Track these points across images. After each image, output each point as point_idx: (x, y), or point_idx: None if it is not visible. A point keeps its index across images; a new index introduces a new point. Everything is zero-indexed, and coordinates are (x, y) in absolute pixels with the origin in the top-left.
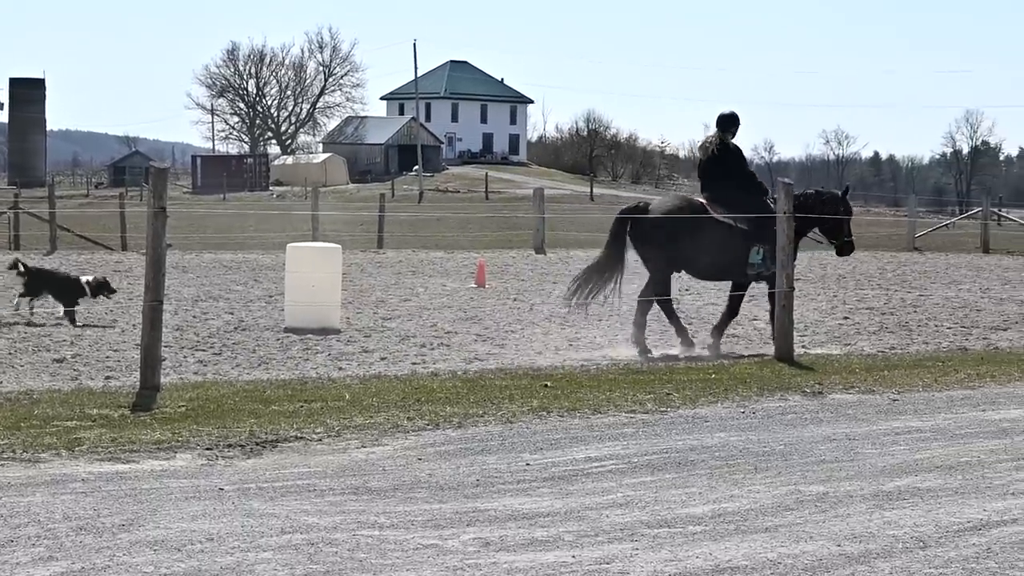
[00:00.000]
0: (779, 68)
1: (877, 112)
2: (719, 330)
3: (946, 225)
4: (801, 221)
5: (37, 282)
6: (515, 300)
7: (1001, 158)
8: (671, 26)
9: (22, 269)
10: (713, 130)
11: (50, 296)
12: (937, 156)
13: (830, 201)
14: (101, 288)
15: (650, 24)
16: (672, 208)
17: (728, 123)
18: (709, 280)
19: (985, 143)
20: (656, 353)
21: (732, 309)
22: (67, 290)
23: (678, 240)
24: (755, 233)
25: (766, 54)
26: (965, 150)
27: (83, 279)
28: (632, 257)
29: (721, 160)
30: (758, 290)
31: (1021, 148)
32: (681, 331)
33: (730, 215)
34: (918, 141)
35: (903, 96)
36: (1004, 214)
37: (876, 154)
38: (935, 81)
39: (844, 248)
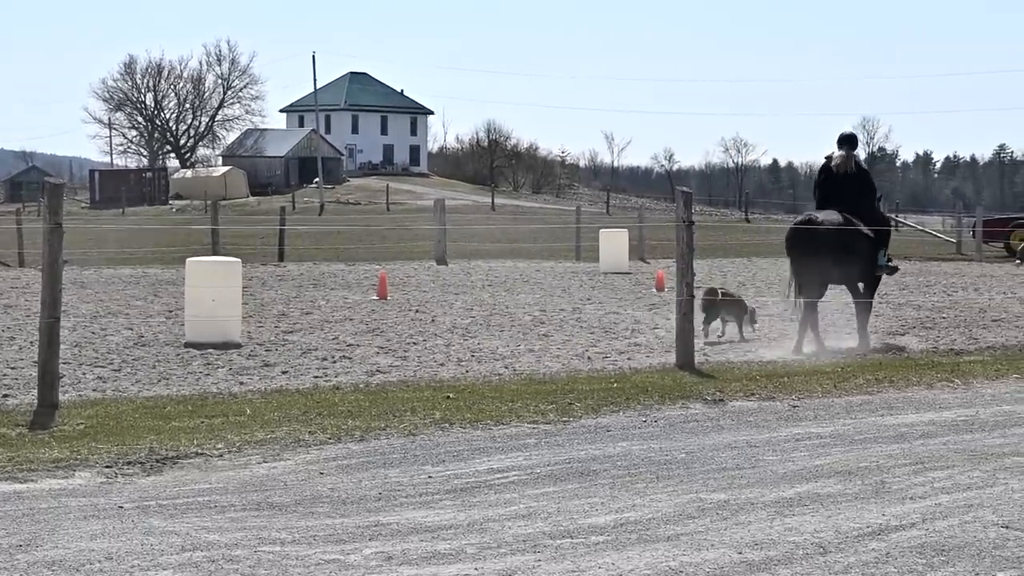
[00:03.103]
0: (676, 76)
1: (775, 120)
2: (863, 329)
3: None
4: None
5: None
6: (417, 312)
7: (898, 164)
8: (568, 36)
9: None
10: (837, 150)
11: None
12: None
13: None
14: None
15: (547, 34)
16: (841, 221)
17: (854, 142)
18: (842, 284)
19: (882, 149)
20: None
21: (869, 306)
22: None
23: (847, 249)
24: (880, 238)
25: (662, 63)
26: (862, 156)
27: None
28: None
29: (857, 176)
30: (659, 299)
31: (917, 154)
32: (816, 333)
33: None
34: (815, 148)
35: (800, 103)
36: (901, 219)
37: (775, 161)
38: (831, 88)
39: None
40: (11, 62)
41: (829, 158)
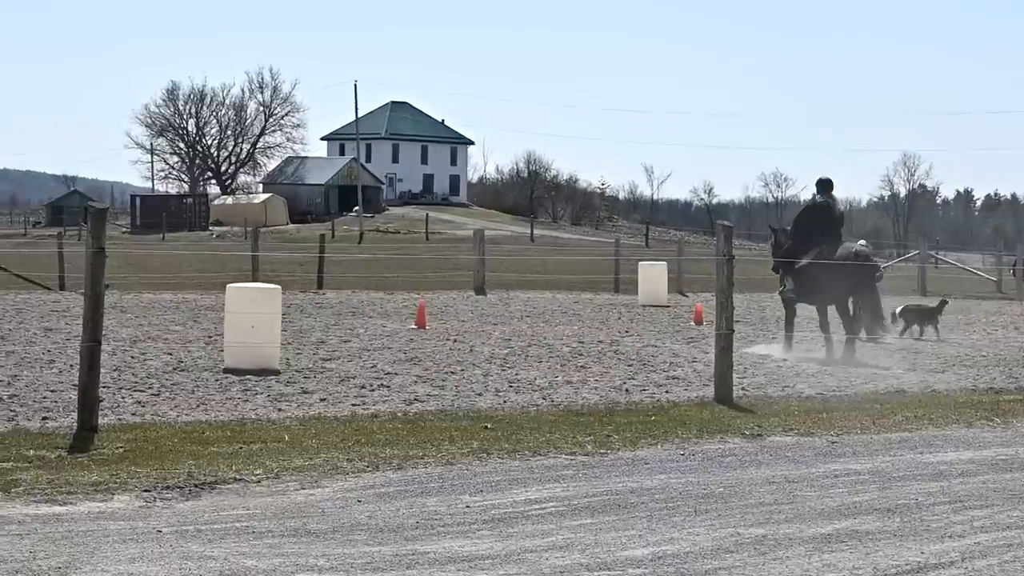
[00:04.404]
0: (716, 110)
1: (815, 154)
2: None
3: (884, 267)
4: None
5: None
6: (455, 341)
7: (938, 201)
8: (608, 69)
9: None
10: (822, 193)
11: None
12: (875, 199)
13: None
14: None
15: (589, 66)
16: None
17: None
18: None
19: (922, 186)
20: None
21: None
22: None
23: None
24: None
25: (704, 96)
26: (903, 193)
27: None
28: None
29: (842, 216)
30: (697, 332)
31: (958, 191)
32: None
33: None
34: (856, 183)
35: (840, 139)
36: (942, 257)
37: (814, 196)
38: (872, 124)
39: None
40: (54, 86)
41: (815, 200)
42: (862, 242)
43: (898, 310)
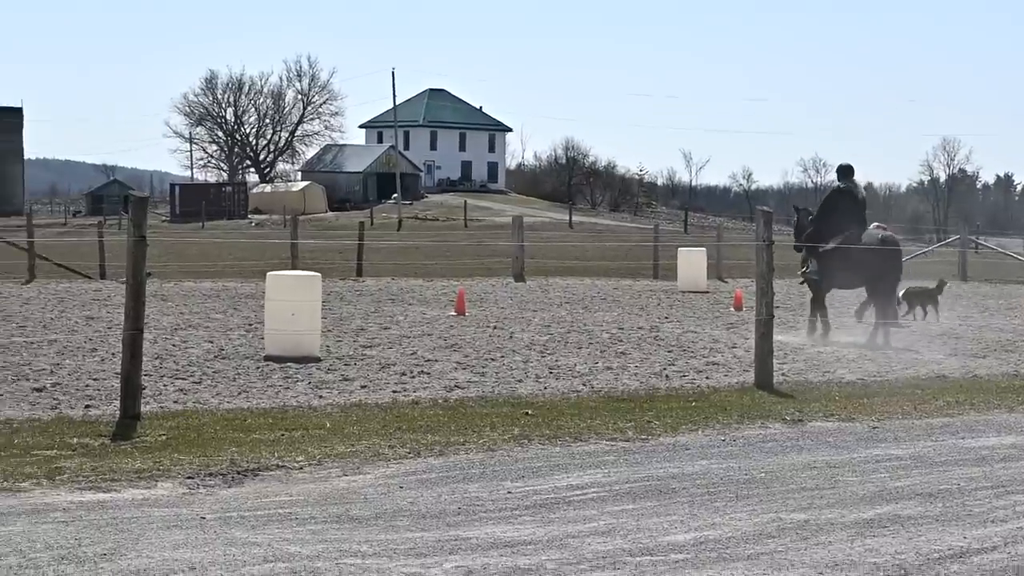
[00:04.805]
0: (754, 96)
1: (854, 140)
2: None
3: (924, 253)
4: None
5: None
6: (495, 328)
7: (978, 186)
8: (647, 54)
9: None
10: (845, 178)
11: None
12: (915, 184)
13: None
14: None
15: (627, 52)
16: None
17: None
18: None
19: (962, 171)
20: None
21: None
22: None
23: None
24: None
25: (743, 82)
26: (942, 178)
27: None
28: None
29: (865, 200)
30: (737, 318)
31: (998, 176)
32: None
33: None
34: (895, 168)
35: (878, 124)
36: (982, 242)
37: None
38: (910, 109)
39: None
40: (94, 76)
41: (838, 186)
42: (877, 223)
43: (900, 293)
